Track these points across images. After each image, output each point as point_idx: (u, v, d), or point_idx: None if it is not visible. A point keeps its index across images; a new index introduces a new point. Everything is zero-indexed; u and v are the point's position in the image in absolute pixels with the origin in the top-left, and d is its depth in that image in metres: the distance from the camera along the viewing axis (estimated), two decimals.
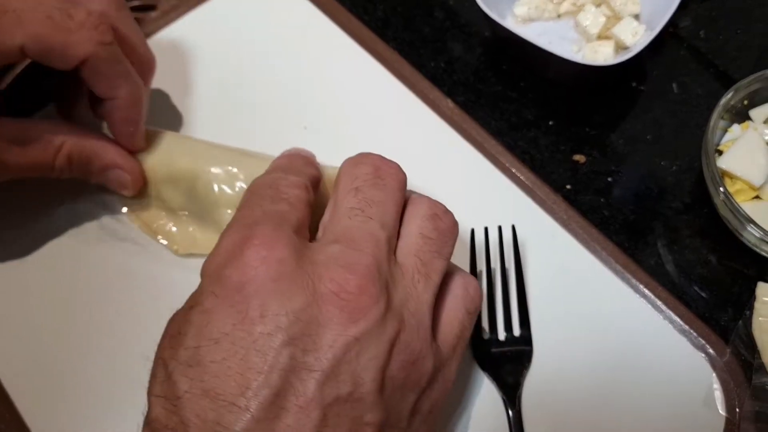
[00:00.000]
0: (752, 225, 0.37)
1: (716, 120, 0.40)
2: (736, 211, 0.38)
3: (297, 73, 0.47)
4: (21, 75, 0.40)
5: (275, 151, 0.38)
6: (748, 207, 0.39)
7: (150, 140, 0.40)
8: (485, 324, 0.38)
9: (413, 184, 0.33)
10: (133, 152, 0.39)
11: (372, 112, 0.46)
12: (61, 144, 0.37)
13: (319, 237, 0.31)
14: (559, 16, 0.50)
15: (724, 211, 0.40)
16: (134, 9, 0.49)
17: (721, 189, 0.38)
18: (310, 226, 0.31)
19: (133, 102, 0.37)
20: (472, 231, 0.40)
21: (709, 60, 0.49)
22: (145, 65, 0.39)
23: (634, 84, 0.48)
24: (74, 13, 0.34)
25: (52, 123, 0.38)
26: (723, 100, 0.41)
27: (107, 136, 0.39)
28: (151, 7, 0.50)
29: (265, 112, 0.45)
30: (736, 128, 0.42)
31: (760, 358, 0.36)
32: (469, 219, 0.39)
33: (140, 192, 0.40)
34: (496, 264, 0.40)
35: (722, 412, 0.36)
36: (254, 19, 0.49)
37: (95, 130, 0.39)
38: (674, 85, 0.48)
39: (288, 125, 0.45)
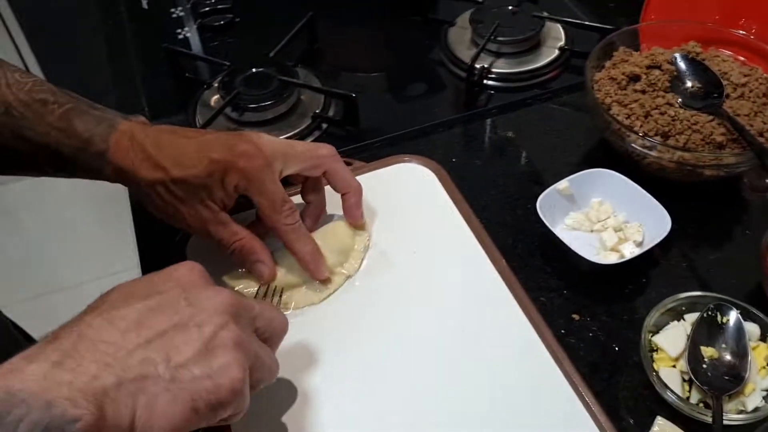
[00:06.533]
0: (666, 390, 0.61)
1: (656, 315, 0.65)
2: (657, 375, 0.62)
3: (422, 224, 0.77)
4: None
5: None
6: (665, 371, 0.63)
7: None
8: None
9: (465, 311, 0.61)
10: (320, 279, 0.68)
11: (453, 259, 0.74)
12: (243, 237, 0.65)
13: None
14: (591, 231, 0.77)
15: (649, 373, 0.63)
16: None
17: (650, 354, 0.63)
18: None
19: (357, 193, 0.72)
20: None
21: (688, 276, 0.74)
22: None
23: (629, 286, 0.73)
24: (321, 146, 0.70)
25: (243, 226, 0.66)
26: (670, 305, 0.66)
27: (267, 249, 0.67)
28: (348, 164, 0.83)
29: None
30: (674, 323, 0.66)
31: None
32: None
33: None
34: None
35: None
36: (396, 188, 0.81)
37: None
38: (654, 293, 0.72)
39: (400, 251, 0.75)
